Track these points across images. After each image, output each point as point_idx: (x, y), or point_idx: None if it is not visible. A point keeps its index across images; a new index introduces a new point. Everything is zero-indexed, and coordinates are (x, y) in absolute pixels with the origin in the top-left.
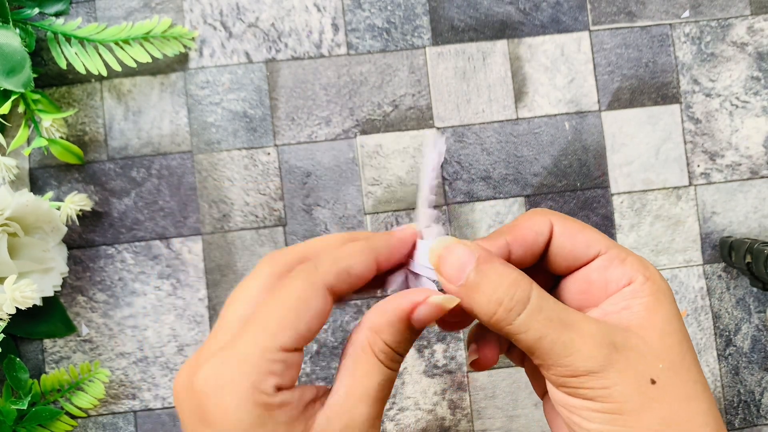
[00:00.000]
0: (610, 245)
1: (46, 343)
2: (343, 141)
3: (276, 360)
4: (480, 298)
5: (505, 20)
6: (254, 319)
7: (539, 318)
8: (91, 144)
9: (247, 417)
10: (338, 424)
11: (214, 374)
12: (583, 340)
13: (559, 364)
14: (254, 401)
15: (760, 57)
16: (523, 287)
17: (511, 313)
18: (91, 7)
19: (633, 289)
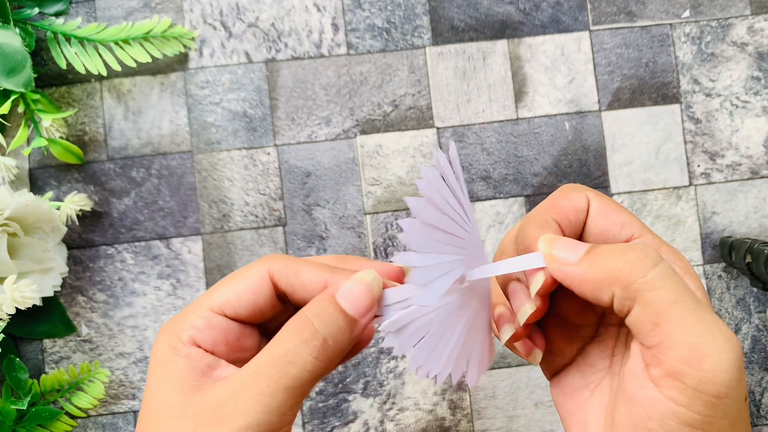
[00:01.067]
0: (644, 230)
1: (45, 343)
2: (343, 141)
3: (201, 316)
4: (608, 259)
5: (505, 20)
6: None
7: (672, 280)
8: (90, 144)
9: (160, 355)
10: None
11: (162, 328)
12: (720, 329)
13: (687, 344)
14: (168, 344)
15: (760, 57)
16: (652, 255)
17: (645, 261)
18: (91, 7)
19: None
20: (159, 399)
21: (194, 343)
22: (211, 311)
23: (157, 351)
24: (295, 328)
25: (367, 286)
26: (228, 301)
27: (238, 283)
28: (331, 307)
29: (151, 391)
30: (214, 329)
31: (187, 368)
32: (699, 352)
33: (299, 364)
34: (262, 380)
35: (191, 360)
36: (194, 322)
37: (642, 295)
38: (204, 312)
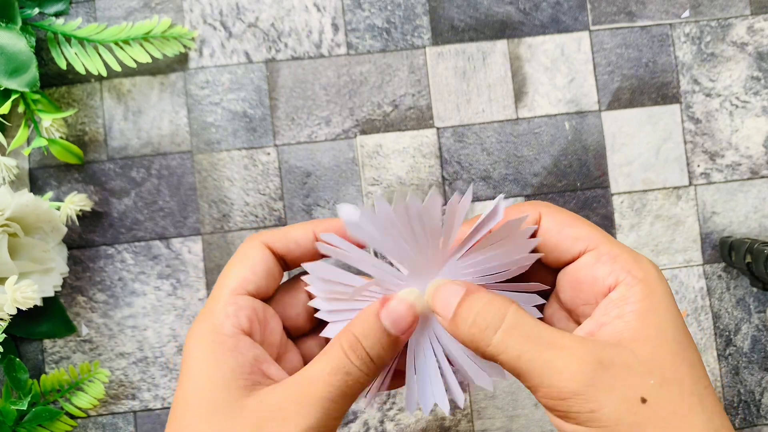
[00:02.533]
0: (600, 241)
1: (45, 343)
2: (343, 141)
3: (228, 303)
4: (462, 324)
5: (505, 20)
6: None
7: (515, 335)
8: (90, 144)
9: (204, 350)
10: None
11: (196, 322)
12: (565, 359)
13: (543, 385)
14: (211, 339)
15: (760, 57)
16: (497, 306)
17: (486, 332)
18: (91, 7)
19: (622, 294)
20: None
21: (240, 330)
22: (234, 294)
23: (197, 345)
24: (347, 345)
25: (409, 307)
26: (246, 279)
27: (245, 261)
28: (376, 328)
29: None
30: (244, 309)
31: (237, 363)
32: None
33: (354, 377)
34: (322, 386)
35: (239, 354)
36: (226, 310)
37: (496, 359)
38: (229, 297)
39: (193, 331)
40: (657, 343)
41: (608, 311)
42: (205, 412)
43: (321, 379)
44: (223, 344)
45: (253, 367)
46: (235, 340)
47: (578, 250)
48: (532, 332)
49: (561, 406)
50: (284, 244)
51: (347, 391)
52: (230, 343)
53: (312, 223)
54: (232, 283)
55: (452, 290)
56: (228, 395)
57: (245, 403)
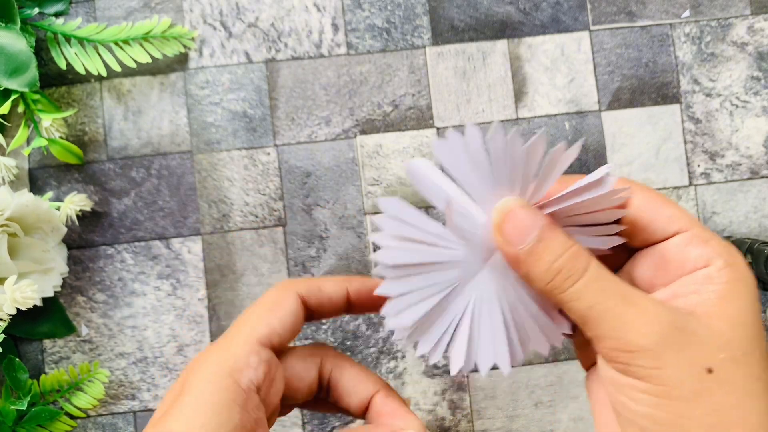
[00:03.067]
0: (694, 223)
1: (45, 343)
2: (343, 141)
3: (253, 351)
4: (539, 264)
5: (505, 20)
6: (240, 319)
7: (594, 287)
8: (90, 144)
9: (215, 395)
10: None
11: (205, 356)
12: (639, 315)
13: (611, 336)
14: (226, 386)
15: (760, 57)
16: (582, 259)
17: (567, 281)
18: (91, 7)
19: (708, 273)
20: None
21: (255, 386)
22: (260, 344)
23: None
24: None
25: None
26: (274, 330)
27: (278, 311)
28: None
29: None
30: (264, 364)
31: (240, 425)
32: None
33: None
34: None
35: (246, 413)
36: (249, 360)
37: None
38: (255, 347)
39: (207, 364)
40: (734, 323)
41: (687, 285)
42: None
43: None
44: (236, 398)
45: (254, 427)
46: (246, 397)
47: (672, 231)
48: (610, 286)
49: (624, 358)
50: (318, 299)
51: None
52: (242, 398)
53: (346, 280)
54: (260, 330)
55: (529, 219)
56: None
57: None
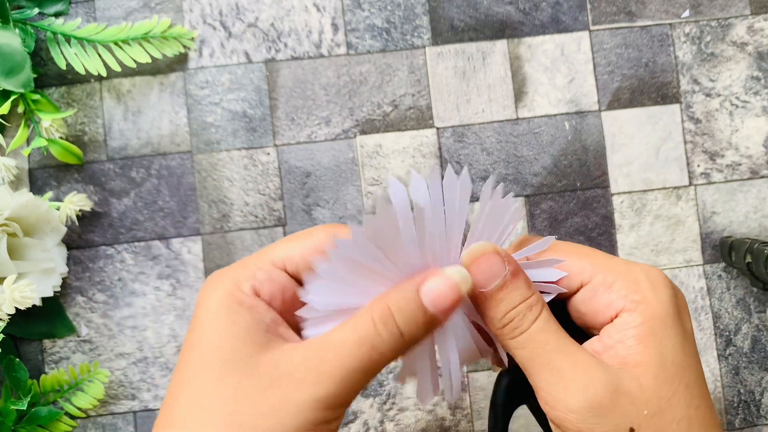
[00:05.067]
0: (595, 271)
1: (45, 343)
2: (342, 141)
3: (261, 268)
4: (498, 308)
5: (505, 20)
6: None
7: (537, 339)
8: (90, 144)
9: (220, 302)
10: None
11: (216, 275)
12: (575, 375)
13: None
14: (230, 292)
15: (760, 57)
16: (534, 310)
17: (516, 330)
18: (91, 8)
19: (623, 320)
20: (222, 348)
21: (256, 294)
22: (272, 265)
23: (214, 298)
24: (379, 316)
25: (453, 286)
26: (291, 257)
27: (302, 241)
28: (414, 304)
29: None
30: (273, 283)
31: (253, 321)
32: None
33: (380, 351)
34: (345, 355)
35: (256, 313)
36: (255, 274)
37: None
38: (265, 264)
39: (212, 281)
40: (657, 369)
41: (612, 335)
42: (219, 364)
43: (345, 347)
44: (242, 302)
45: (270, 327)
46: (253, 301)
47: (575, 286)
48: (553, 340)
49: (555, 417)
50: None
51: (369, 365)
52: (249, 302)
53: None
54: (275, 254)
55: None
56: (243, 350)
57: (260, 359)
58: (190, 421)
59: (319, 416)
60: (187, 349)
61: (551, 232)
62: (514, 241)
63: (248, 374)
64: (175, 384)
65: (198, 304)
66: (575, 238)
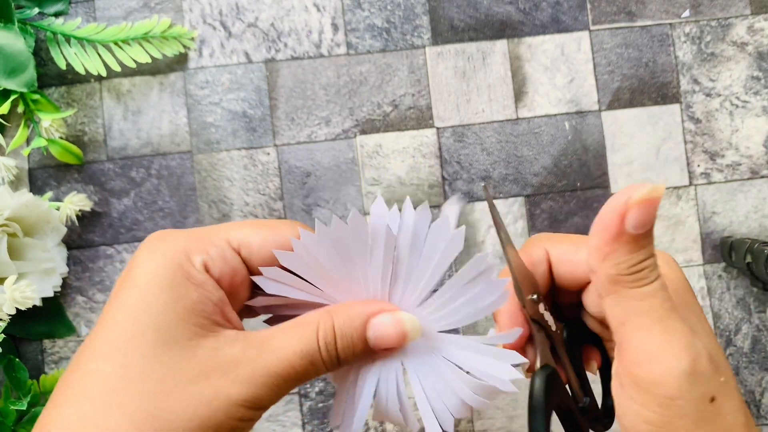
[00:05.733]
0: None
1: (45, 343)
2: (342, 141)
3: (216, 245)
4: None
5: (505, 20)
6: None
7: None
8: (90, 144)
9: (165, 274)
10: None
11: (163, 236)
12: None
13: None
14: (179, 263)
15: (760, 57)
16: (657, 270)
17: (644, 280)
18: (91, 7)
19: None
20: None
21: (206, 270)
22: (228, 244)
23: (159, 262)
24: (323, 335)
25: (401, 333)
26: (248, 243)
27: (264, 230)
28: (357, 333)
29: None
30: (226, 263)
31: (199, 299)
32: (652, 357)
33: (317, 367)
34: (285, 364)
35: (204, 290)
36: (208, 249)
37: (643, 300)
38: (220, 242)
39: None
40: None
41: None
42: (153, 340)
43: (286, 355)
44: (191, 277)
45: (216, 308)
46: (203, 277)
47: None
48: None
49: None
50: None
51: (303, 376)
52: (198, 278)
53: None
54: (233, 234)
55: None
56: (184, 330)
57: (199, 343)
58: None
59: (245, 415)
60: (117, 310)
61: (551, 231)
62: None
63: (184, 357)
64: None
65: (137, 262)
66: None
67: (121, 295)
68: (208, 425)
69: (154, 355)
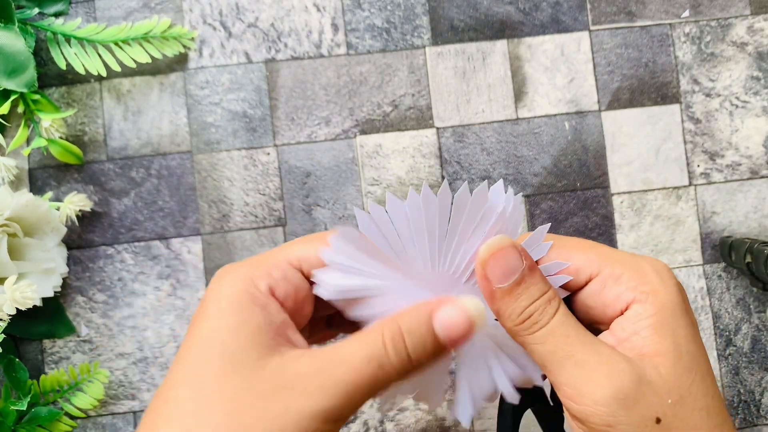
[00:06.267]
0: (603, 263)
1: (45, 343)
2: (342, 141)
3: (278, 267)
4: (514, 305)
5: (505, 20)
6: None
7: (558, 333)
8: (90, 144)
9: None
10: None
11: (229, 268)
12: (598, 366)
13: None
14: (244, 289)
15: (760, 57)
16: (553, 305)
17: (535, 325)
18: (91, 8)
19: (635, 311)
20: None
21: (272, 293)
22: (288, 264)
23: (226, 292)
24: (389, 336)
25: (467, 318)
26: (307, 257)
27: (319, 243)
28: (425, 329)
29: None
30: (288, 283)
31: (264, 321)
32: (577, 391)
33: (386, 371)
34: (351, 371)
35: (268, 314)
36: (271, 272)
37: (529, 346)
38: (281, 263)
39: (224, 274)
40: (674, 358)
41: (625, 327)
42: (223, 362)
43: (352, 362)
44: (255, 300)
45: (280, 329)
46: (267, 300)
47: (583, 280)
48: (573, 334)
49: (580, 412)
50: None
51: (374, 383)
52: (262, 300)
53: None
54: (290, 253)
55: (515, 260)
56: (250, 351)
57: (267, 362)
58: (188, 417)
59: (318, 428)
60: (191, 341)
61: (551, 231)
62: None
63: (253, 377)
64: (174, 376)
65: (207, 296)
66: None
67: (195, 327)
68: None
69: (225, 377)
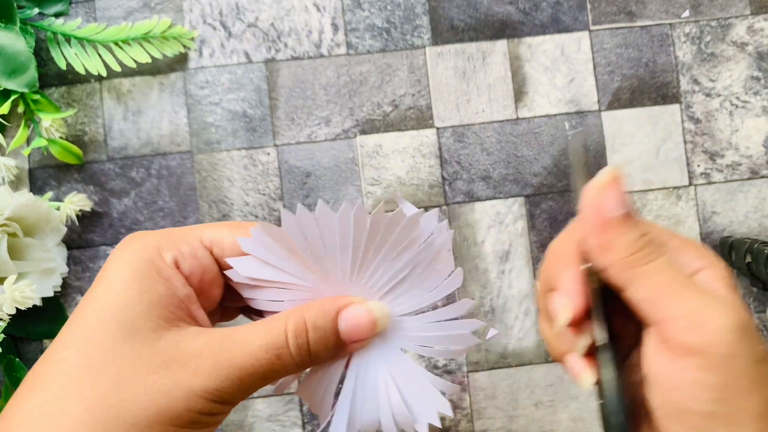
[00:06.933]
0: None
1: (45, 343)
2: (342, 141)
3: (188, 242)
4: (629, 234)
5: (505, 20)
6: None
7: (673, 264)
8: (90, 144)
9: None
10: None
11: (136, 236)
12: (716, 301)
13: (686, 315)
14: (149, 258)
15: (760, 57)
16: (659, 242)
17: (651, 254)
18: (91, 8)
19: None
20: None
21: (177, 266)
22: (200, 242)
23: (129, 258)
24: (293, 328)
25: (371, 321)
26: (220, 241)
27: (238, 231)
28: (330, 325)
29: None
30: (196, 260)
31: (166, 293)
32: (697, 320)
33: (284, 362)
34: (248, 357)
35: (172, 286)
36: (180, 246)
37: (640, 280)
38: (193, 240)
39: (130, 241)
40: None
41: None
42: (116, 330)
43: (250, 348)
44: (160, 271)
45: (183, 303)
46: (171, 272)
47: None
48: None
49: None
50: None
51: (269, 372)
52: (167, 272)
53: None
54: (206, 233)
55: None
56: (147, 321)
57: (162, 335)
58: (71, 382)
59: (206, 407)
60: (85, 304)
61: (551, 231)
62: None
63: (145, 347)
64: (63, 339)
65: (109, 261)
66: None
67: (93, 290)
68: (165, 414)
69: (116, 344)
